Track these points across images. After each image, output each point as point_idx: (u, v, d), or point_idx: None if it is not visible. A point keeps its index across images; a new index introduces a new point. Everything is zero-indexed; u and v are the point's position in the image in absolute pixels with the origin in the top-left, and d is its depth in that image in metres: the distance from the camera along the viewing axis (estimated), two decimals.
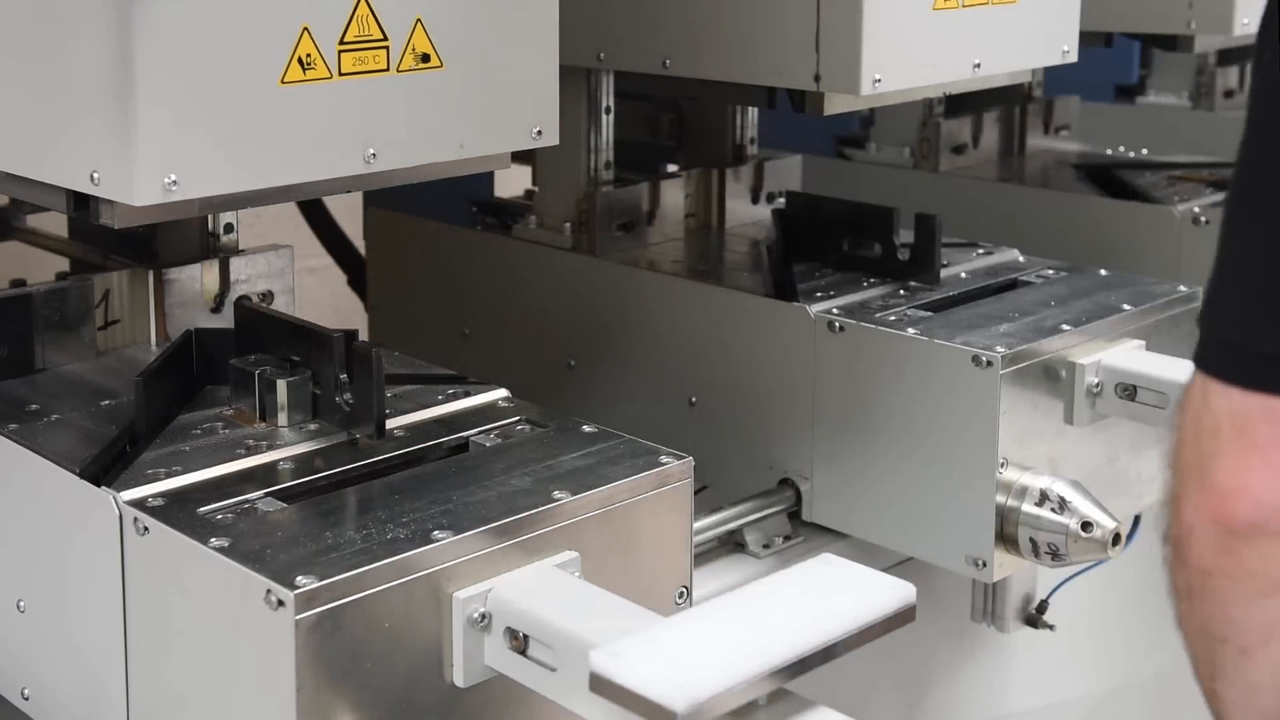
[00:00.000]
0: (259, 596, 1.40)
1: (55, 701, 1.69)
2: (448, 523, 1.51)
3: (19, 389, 1.90)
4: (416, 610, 1.46)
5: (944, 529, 2.06)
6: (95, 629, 1.61)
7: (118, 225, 1.64)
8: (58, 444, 1.72)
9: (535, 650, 1.45)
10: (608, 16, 2.38)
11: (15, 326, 1.95)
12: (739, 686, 1.31)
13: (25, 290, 1.97)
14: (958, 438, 2.03)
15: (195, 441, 1.72)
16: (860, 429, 2.14)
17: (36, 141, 1.65)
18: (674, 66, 2.32)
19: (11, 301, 1.95)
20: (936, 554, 2.10)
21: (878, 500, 2.14)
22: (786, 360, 2.21)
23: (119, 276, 2.05)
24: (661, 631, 1.39)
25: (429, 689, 1.48)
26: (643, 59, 2.36)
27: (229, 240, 2.07)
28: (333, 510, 1.57)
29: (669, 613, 1.57)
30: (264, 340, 1.86)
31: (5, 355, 1.93)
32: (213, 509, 1.56)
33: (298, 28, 1.62)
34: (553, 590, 1.50)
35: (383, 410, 1.72)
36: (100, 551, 1.58)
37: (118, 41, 1.52)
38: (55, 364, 1.97)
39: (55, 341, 1.97)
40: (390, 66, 1.69)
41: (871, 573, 1.47)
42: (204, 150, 1.57)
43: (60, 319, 1.98)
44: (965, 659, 2.43)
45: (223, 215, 1.97)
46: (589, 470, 1.65)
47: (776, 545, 2.21)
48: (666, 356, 2.35)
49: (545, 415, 1.81)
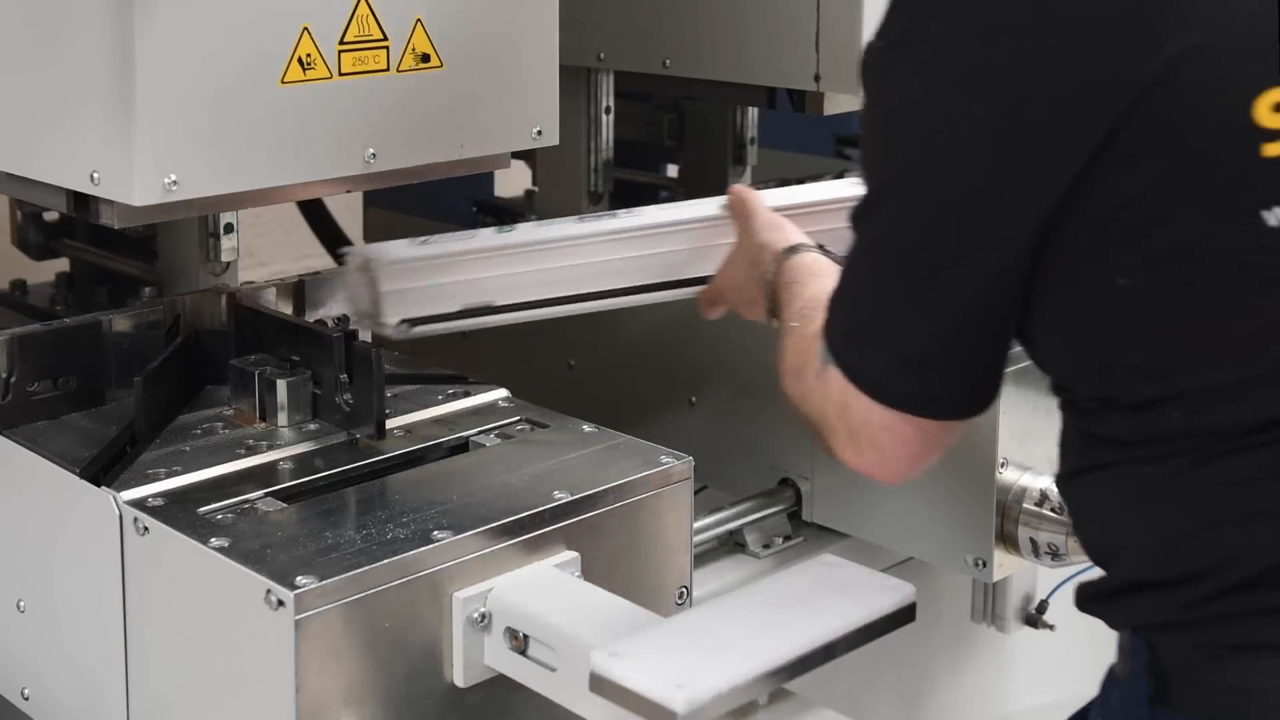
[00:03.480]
0: (259, 596, 1.40)
1: (55, 701, 1.69)
2: (448, 523, 1.51)
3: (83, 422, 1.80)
4: (416, 610, 1.46)
5: (944, 529, 2.06)
6: (95, 629, 1.61)
7: (118, 225, 1.64)
8: (58, 444, 1.71)
9: (535, 650, 1.45)
10: (608, 17, 2.38)
11: (85, 356, 1.84)
12: (739, 686, 1.31)
13: (95, 318, 1.88)
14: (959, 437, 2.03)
15: (195, 441, 1.72)
16: None
17: (36, 141, 1.65)
18: (674, 66, 2.31)
19: (81, 329, 1.86)
20: (936, 554, 2.09)
21: (877, 500, 2.14)
22: None
23: (189, 300, 1.95)
24: (661, 631, 1.39)
25: (429, 689, 1.48)
26: (643, 59, 2.36)
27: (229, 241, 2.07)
28: (333, 510, 1.57)
29: (669, 613, 1.57)
30: (264, 340, 1.86)
31: (74, 387, 1.83)
32: (213, 509, 1.56)
33: (298, 28, 1.62)
34: (553, 590, 1.50)
35: (383, 410, 1.72)
36: (100, 551, 1.58)
37: (118, 41, 1.52)
38: (125, 396, 1.83)
39: (125, 371, 1.84)
40: (390, 66, 1.69)
41: (871, 573, 1.47)
42: (204, 150, 1.57)
43: (130, 346, 1.87)
44: (965, 659, 2.43)
45: (223, 215, 1.97)
46: (589, 470, 1.65)
47: (776, 545, 2.21)
48: (666, 357, 2.35)
49: (545, 415, 1.81)
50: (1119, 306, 1.28)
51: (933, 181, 1.30)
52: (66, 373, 1.83)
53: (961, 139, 1.27)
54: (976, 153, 1.27)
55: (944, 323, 1.33)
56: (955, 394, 1.38)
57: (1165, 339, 1.28)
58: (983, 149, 1.27)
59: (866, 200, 1.36)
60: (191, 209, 1.65)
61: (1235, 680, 1.28)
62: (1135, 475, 1.33)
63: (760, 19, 2.16)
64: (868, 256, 1.37)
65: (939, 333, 1.33)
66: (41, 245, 2.39)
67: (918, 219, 1.31)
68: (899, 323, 1.35)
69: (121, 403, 1.83)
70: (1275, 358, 1.26)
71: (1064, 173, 1.25)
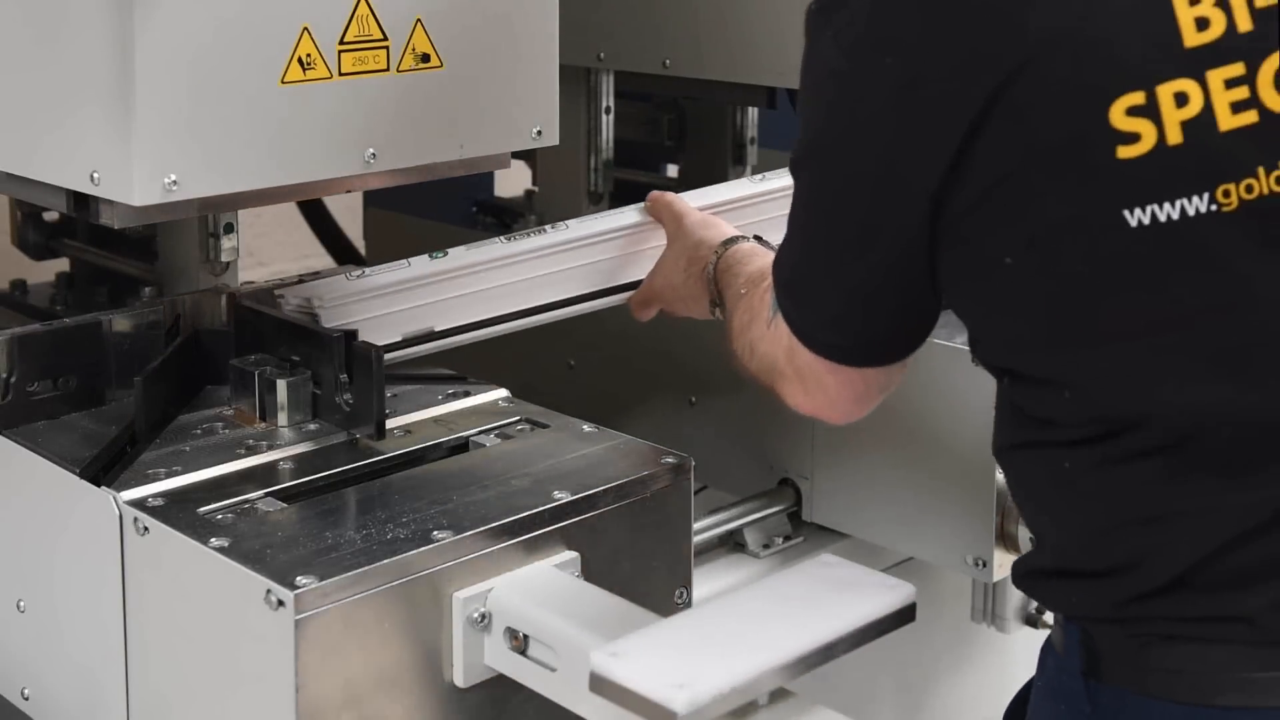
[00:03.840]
0: (259, 596, 1.40)
1: (55, 701, 1.69)
2: (448, 523, 1.51)
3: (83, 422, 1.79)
4: (416, 610, 1.46)
5: (944, 529, 2.06)
6: (95, 629, 1.61)
7: (118, 225, 1.64)
8: (58, 444, 1.71)
9: (535, 650, 1.45)
10: (608, 16, 2.38)
11: (85, 356, 1.84)
12: (739, 686, 1.31)
13: (95, 318, 1.87)
14: (957, 437, 2.03)
15: (195, 441, 1.72)
16: (860, 429, 2.11)
17: (37, 141, 1.65)
18: (674, 66, 2.31)
19: (82, 329, 1.86)
20: (937, 554, 2.10)
21: (877, 500, 2.14)
22: None
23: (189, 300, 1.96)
24: (661, 631, 1.39)
25: (429, 689, 1.48)
26: (643, 59, 2.36)
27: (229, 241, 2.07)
28: (333, 510, 1.57)
29: (669, 613, 1.57)
30: (264, 340, 1.86)
31: (74, 387, 1.83)
32: (213, 509, 1.56)
33: (298, 28, 1.62)
34: (553, 590, 1.50)
35: (383, 410, 1.72)
36: (100, 551, 1.58)
37: (118, 41, 1.52)
38: (125, 396, 1.83)
39: (125, 371, 1.84)
40: (390, 66, 1.69)
41: (871, 573, 1.47)
42: (204, 150, 1.57)
43: (130, 346, 1.87)
44: (966, 659, 2.43)
45: (223, 215, 1.97)
46: (589, 470, 1.65)
47: (776, 545, 2.21)
48: (666, 356, 2.35)
49: (545, 415, 1.81)
50: (1007, 283, 1.34)
51: (844, 155, 1.38)
52: (66, 373, 1.82)
53: (868, 113, 1.35)
54: (879, 128, 1.35)
55: (857, 287, 1.42)
56: (877, 347, 1.48)
57: (1045, 319, 1.34)
58: (885, 124, 1.34)
59: (797, 152, 1.44)
60: (191, 209, 1.66)
61: (1167, 664, 1.34)
62: (1057, 461, 1.38)
63: (760, 19, 2.16)
64: (803, 209, 1.46)
65: (854, 295, 1.43)
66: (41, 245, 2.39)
67: (833, 189, 1.41)
68: (820, 285, 1.46)
69: (121, 403, 1.83)
70: (1138, 357, 1.31)
71: (947, 148, 1.30)
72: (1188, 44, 1.26)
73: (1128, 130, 1.26)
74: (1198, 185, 1.26)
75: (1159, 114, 1.26)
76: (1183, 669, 1.34)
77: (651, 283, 1.98)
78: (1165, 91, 1.26)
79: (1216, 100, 1.26)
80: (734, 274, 1.79)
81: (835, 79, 1.38)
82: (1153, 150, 1.26)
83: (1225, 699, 1.32)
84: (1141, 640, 1.35)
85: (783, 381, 1.54)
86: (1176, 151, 1.26)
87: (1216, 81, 1.26)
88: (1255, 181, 1.26)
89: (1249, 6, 1.26)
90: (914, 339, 1.48)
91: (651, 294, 1.98)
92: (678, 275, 1.91)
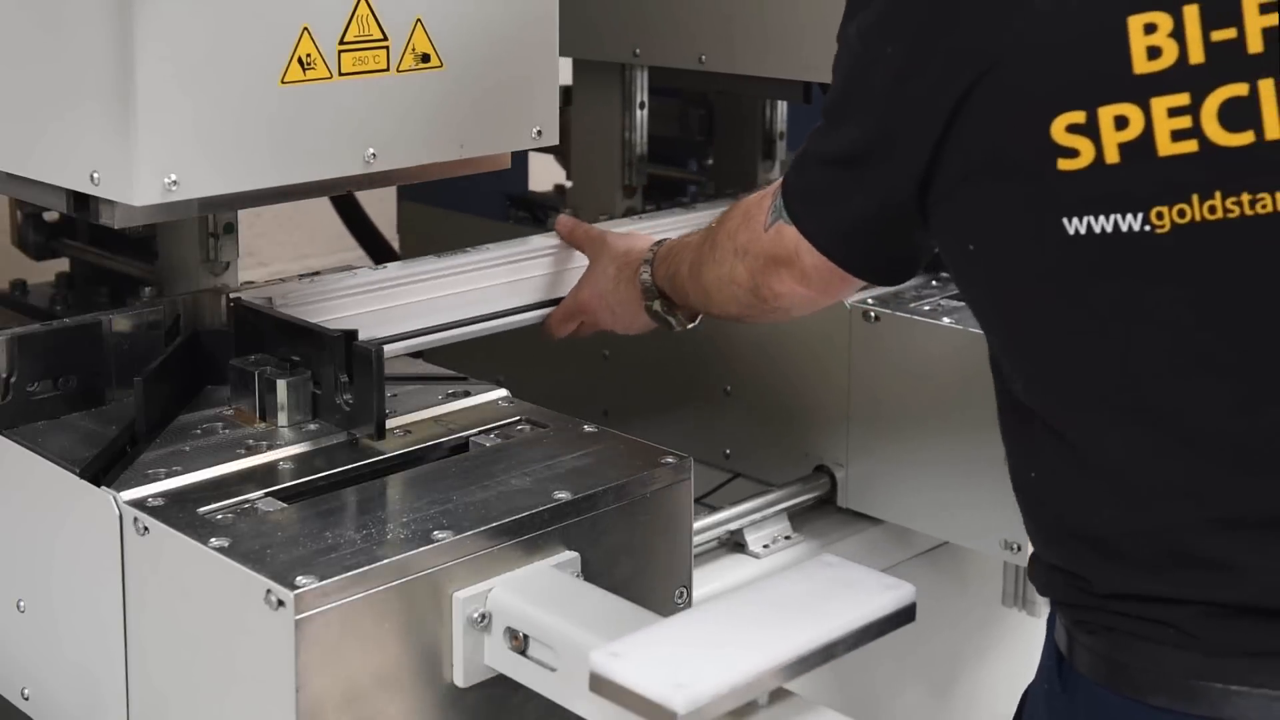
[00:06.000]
0: (259, 596, 1.40)
1: (55, 701, 1.69)
2: (448, 523, 1.51)
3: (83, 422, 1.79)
4: (416, 610, 1.46)
5: (977, 513, 2.08)
6: (95, 629, 1.61)
7: (118, 225, 1.64)
8: (58, 444, 1.71)
9: (535, 650, 1.46)
10: (643, 13, 2.41)
11: (85, 356, 1.84)
12: (739, 686, 1.31)
13: (95, 318, 1.87)
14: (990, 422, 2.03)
15: (195, 441, 1.72)
16: (894, 416, 2.16)
17: (36, 141, 1.65)
18: (710, 62, 2.34)
19: (82, 329, 1.85)
20: (970, 538, 2.11)
21: (911, 486, 2.16)
22: (822, 349, 2.22)
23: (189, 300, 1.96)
24: (661, 631, 1.39)
25: (429, 689, 1.48)
26: (678, 55, 2.38)
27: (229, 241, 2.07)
28: (333, 510, 1.57)
29: (669, 613, 1.57)
30: (264, 340, 1.86)
31: (74, 387, 1.82)
32: (213, 509, 1.56)
33: (298, 28, 1.62)
34: (552, 590, 1.50)
35: (383, 410, 1.72)
36: (100, 551, 1.58)
37: (118, 41, 1.52)
38: (125, 396, 1.83)
39: (125, 371, 1.83)
40: (390, 66, 1.69)
41: (871, 573, 1.47)
42: (204, 150, 1.57)
43: (130, 346, 1.87)
44: (996, 642, 2.45)
45: (223, 215, 1.97)
46: (589, 470, 1.65)
47: (776, 545, 2.21)
48: (702, 345, 2.36)
49: (545, 415, 1.81)
50: (967, 271, 1.45)
51: (848, 122, 1.50)
52: (66, 373, 1.82)
53: (872, 95, 1.46)
54: (879, 108, 1.45)
55: (854, 225, 1.55)
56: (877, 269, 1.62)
57: (994, 312, 1.46)
58: (882, 106, 1.44)
59: (825, 102, 1.56)
60: (192, 209, 1.66)
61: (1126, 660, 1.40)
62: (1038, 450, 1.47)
63: (795, 13, 2.18)
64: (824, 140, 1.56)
65: (852, 230, 1.56)
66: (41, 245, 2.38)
67: (836, 146, 1.52)
68: (827, 213, 1.58)
69: (121, 403, 1.83)
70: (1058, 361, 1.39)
71: (929, 137, 1.39)
72: (1137, 70, 1.30)
73: (1067, 145, 1.32)
74: (1132, 205, 1.31)
75: (1098, 134, 1.31)
76: (1128, 663, 1.39)
77: (578, 295, 2.06)
78: (1106, 113, 1.31)
79: (1158, 126, 1.30)
80: (678, 248, 1.91)
81: (849, 58, 1.50)
82: (1090, 166, 1.32)
83: (1157, 699, 1.38)
84: (1088, 628, 1.43)
85: (778, 276, 1.66)
86: (1113, 170, 1.31)
87: (1160, 109, 1.30)
88: (1188, 207, 1.30)
89: (1204, 40, 1.30)
90: (914, 267, 1.61)
91: (577, 307, 2.06)
92: (607, 284, 2.00)
